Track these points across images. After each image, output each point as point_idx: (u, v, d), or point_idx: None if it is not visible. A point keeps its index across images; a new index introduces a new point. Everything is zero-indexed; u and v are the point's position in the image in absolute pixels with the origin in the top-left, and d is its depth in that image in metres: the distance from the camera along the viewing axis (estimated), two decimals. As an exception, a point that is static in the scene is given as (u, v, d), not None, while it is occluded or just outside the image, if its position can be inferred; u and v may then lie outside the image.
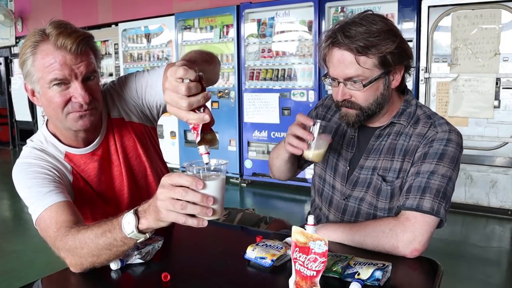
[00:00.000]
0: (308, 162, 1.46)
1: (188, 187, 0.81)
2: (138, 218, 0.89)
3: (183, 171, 0.87)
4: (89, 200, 1.25)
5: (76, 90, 1.08)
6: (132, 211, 0.90)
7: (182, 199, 0.81)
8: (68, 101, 1.10)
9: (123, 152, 1.30)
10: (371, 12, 1.16)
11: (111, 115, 1.30)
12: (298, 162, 1.44)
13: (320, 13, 4.25)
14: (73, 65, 1.07)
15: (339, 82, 1.17)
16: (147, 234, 0.91)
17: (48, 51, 1.06)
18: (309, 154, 1.14)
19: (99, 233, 0.94)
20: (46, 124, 1.24)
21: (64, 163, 1.20)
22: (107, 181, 1.28)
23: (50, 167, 1.15)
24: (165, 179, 0.84)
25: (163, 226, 0.88)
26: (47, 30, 1.07)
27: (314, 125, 1.13)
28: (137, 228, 0.89)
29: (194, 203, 0.81)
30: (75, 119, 1.12)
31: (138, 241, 0.93)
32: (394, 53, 1.12)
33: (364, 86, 1.14)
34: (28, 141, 1.23)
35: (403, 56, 1.16)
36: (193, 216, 0.83)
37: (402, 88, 1.27)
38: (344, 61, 1.13)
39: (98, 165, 1.25)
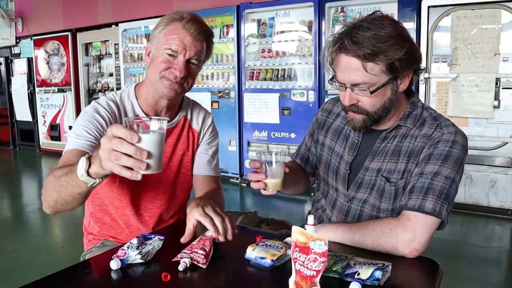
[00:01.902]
0: (317, 168, 1.46)
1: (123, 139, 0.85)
2: (90, 163, 0.94)
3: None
4: None
5: (178, 63, 1.30)
6: (86, 156, 0.96)
7: (117, 150, 0.85)
8: (168, 68, 1.30)
9: (178, 150, 1.45)
10: (380, 14, 1.13)
11: (191, 122, 1.49)
12: (307, 169, 1.46)
13: (320, 13, 4.26)
14: (187, 46, 1.29)
15: (346, 87, 1.16)
16: (97, 180, 0.96)
17: (176, 28, 1.30)
18: (269, 186, 1.14)
19: (64, 172, 1.03)
20: (135, 86, 1.43)
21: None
22: None
23: (109, 120, 1.31)
24: (109, 129, 0.87)
25: (107, 173, 0.93)
26: (184, 14, 1.33)
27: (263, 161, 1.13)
28: (87, 172, 0.94)
29: (129, 156, 0.85)
30: (165, 85, 1.31)
31: (89, 185, 0.97)
32: (402, 59, 1.10)
33: (371, 92, 1.12)
34: (112, 92, 1.42)
35: (412, 61, 1.14)
36: (130, 168, 0.86)
37: (409, 90, 1.26)
38: (351, 67, 1.11)
39: None
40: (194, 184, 1.50)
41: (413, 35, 3.71)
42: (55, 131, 7.03)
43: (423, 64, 1.22)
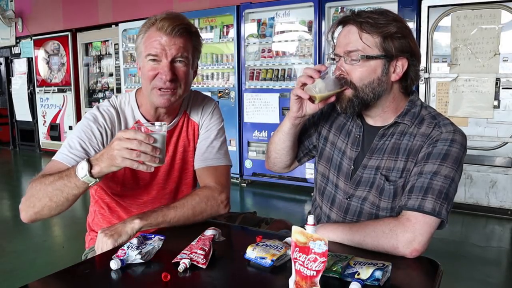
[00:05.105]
0: (307, 155, 1.44)
1: (142, 141, 1.01)
2: (90, 165, 1.08)
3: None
4: (119, 173, 1.36)
5: (163, 67, 1.25)
6: (85, 159, 1.09)
7: (136, 149, 1.01)
8: (156, 75, 1.27)
9: (179, 147, 1.44)
10: (387, 9, 1.22)
11: (190, 114, 1.47)
12: (298, 151, 1.42)
13: (320, 13, 4.26)
14: (166, 46, 1.24)
15: (340, 57, 1.19)
16: (97, 179, 1.10)
17: (153, 33, 1.26)
18: (315, 89, 1.15)
19: (58, 177, 1.12)
20: (136, 91, 1.42)
21: None
22: None
23: (106, 129, 1.32)
24: (122, 134, 1.03)
25: (114, 170, 1.09)
26: (158, 16, 1.28)
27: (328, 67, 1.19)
28: (90, 172, 1.08)
29: (145, 153, 1.02)
30: (157, 96, 1.29)
31: (90, 185, 1.10)
32: (395, 38, 1.15)
33: (361, 58, 1.15)
34: (114, 96, 1.42)
35: (405, 45, 1.17)
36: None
37: (408, 91, 1.26)
38: (348, 35, 1.18)
39: None
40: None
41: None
42: (55, 131, 7.03)
43: (421, 64, 1.26)
